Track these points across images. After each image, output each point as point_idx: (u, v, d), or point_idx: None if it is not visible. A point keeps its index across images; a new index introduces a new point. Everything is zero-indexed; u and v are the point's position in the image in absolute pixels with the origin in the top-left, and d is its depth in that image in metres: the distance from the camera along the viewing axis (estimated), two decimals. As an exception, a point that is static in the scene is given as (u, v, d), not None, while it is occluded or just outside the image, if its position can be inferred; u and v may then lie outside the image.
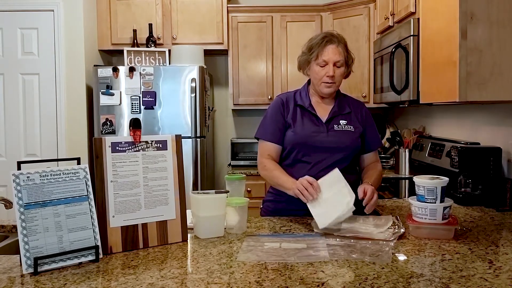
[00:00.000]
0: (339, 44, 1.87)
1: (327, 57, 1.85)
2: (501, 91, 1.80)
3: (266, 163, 1.91)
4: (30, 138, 3.51)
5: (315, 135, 1.88)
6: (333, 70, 1.84)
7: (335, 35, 1.89)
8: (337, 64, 1.85)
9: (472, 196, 2.12)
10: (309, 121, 1.91)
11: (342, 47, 1.87)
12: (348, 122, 1.92)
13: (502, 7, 1.78)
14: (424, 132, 3.16)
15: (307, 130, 1.89)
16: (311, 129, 1.89)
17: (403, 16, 2.65)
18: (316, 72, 1.88)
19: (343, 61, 1.87)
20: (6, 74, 3.48)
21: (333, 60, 1.84)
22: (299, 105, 1.94)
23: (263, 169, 1.92)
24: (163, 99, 3.41)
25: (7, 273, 1.25)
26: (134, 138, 1.49)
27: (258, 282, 1.16)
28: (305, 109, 1.92)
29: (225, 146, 4.25)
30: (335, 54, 1.85)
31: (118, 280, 1.19)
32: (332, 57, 1.84)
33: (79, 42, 3.50)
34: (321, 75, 1.87)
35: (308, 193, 1.65)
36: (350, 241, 1.50)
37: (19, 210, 1.26)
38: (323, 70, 1.86)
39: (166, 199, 1.52)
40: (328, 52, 1.85)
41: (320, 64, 1.86)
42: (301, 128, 1.90)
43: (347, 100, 1.99)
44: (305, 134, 1.88)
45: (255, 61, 3.85)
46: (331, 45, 1.85)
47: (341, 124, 1.91)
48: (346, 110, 1.94)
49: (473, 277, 1.18)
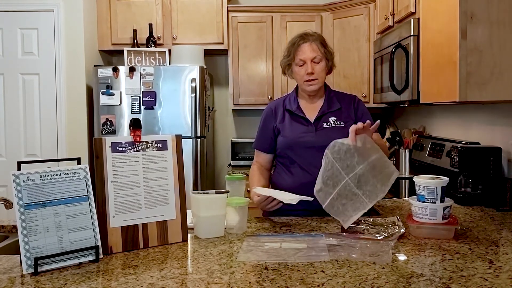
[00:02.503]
0: (313, 41, 1.92)
1: (303, 55, 1.90)
2: (501, 91, 1.80)
3: (252, 168, 2.08)
4: (30, 138, 3.51)
5: (304, 135, 1.92)
6: (312, 67, 1.89)
7: (309, 33, 1.95)
8: (315, 60, 1.90)
9: (472, 196, 2.12)
10: (298, 123, 1.96)
11: (317, 43, 1.92)
12: (338, 118, 1.94)
13: (502, 7, 1.78)
14: (424, 132, 3.16)
15: (296, 132, 1.93)
16: (299, 130, 1.93)
17: (403, 16, 2.65)
18: (297, 72, 1.94)
19: (321, 57, 1.91)
20: (6, 74, 3.48)
21: (310, 57, 1.89)
22: (288, 110, 1.99)
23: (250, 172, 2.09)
24: (163, 99, 3.41)
25: (8, 273, 1.25)
26: (134, 138, 1.49)
27: (258, 282, 1.16)
28: (293, 113, 1.97)
29: (225, 146, 4.25)
30: (310, 51, 1.90)
31: (119, 280, 1.19)
32: (308, 54, 1.89)
33: (79, 42, 3.50)
34: (302, 74, 1.92)
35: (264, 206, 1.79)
36: (350, 241, 1.49)
37: (19, 210, 1.26)
38: (303, 69, 1.91)
39: (166, 199, 1.52)
40: (303, 51, 1.91)
41: (299, 64, 1.92)
42: (289, 131, 1.95)
43: (337, 96, 2.02)
44: (294, 136, 1.93)
45: (255, 61, 3.85)
46: (305, 44, 1.91)
47: (330, 121, 1.94)
48: (335, 107, 1.97)
49: (473, 277, 1.18)
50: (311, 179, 1.70)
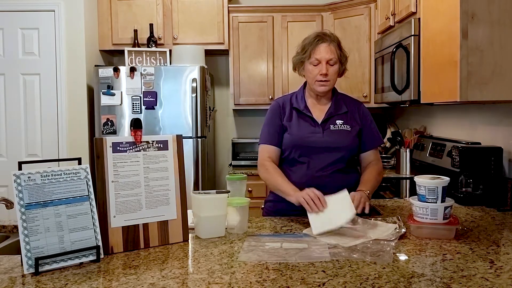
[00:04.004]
0: (331, 42, 1.88)
1: (320, 55, 1.86)
2: (502, 91, 1.80)
3: (268, 166, 1.91)
4: (31, 138, 3.52)
5: (311, 136, 1.89)
6: (326, 68, 1.86)
7: (327, 34, 1.91)
8: (330, 62, 1.87)
9: (473, 196, 2.12)
10: (305, 122, 1.93)
11: (334, 45, 1.89)
12: (345, 122, 1.93)
13: (503, 7, 1.78)
14: (425, 132, 3.16)
15: (303, 132, 1.91)
16: (307, 130, 1.91)
17: (404, 16, 2.65)
18: (310, 71, 1.90)
19: (336, 59, 1.88)
20: (7, 74, 3.48)
21: (326, 59, 1.86)
22: (295, 108, 1.96)
23: (265, 171, 1.92)
24: (164, 99, 3.41)
25: (8, 273, 1.25)
26: (135, 138, 1.49)
27: (259, 282, 1.16)
28: (301, 112, 1.94)
29: (226, 146, 4.25)
30: (327, 52, 1.86)
31: (119, 280, 1.19)
32: (325, 55, 1.86)
33: (80, 42, 3.50)
34: (315, 73, 1.88)
35: (315, 205, 1.65)
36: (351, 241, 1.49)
37: (20, 210, 1.26)
38: (317, 68, 1.88)
39: (167, 199, 1.52)
40: (320, 51, 1.87)
41: (313, 63, 1.88)
42: (296, 130, 1.92)
43: (344, 100, 2.00)
44: (301, 135, 1.90)
45: (256, 61, 3.84)
46: (323, 44, 1.87)
47: (337, 124, 1.92)
48: (342, 110, 1.95)
49: (474, 277, 1.18)
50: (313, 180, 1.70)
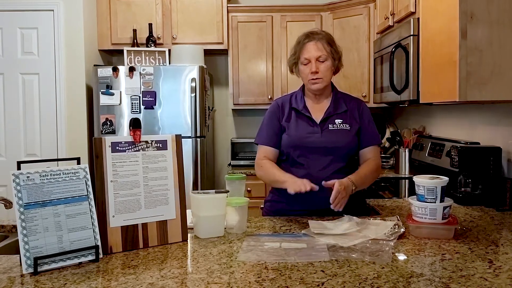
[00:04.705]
0: (319, 40, 1.89)
1: (308, 54, 1.89)
2: (501, 91, 1.80)
3: (262, 163, 1.93)
4: (30, 138, 3.51)
5: (309, 136, 1.90)
6: (316, 66, 1.88)
7: (315, 32, 1.93)
8: (320, 59, 1.88)
9: (472, 196, 2.12)
10: (304, 122, 1.93)
11: (323, 42, 1.89)
12: (344, 121, 1.93)
13: (502, 7, 1.78)
14: (424, 132, 3.16)
15: (301, 132, 1.91)
16: (305, 130, 1.91)
17: (403, 16, 2.65)
18: (302, 71, 1.93)
19: (326, 56, 1.89)
20: (6, 74, 3.48)
21: (314, 56, 1.88)
22: (294, 108, 1.96)
23: (259, 169, 1.95)
24: (163, 99, 3.41)
25: (7, 273, 1.25)
26: (134, 138, 1.49)
27: (258, 282, 1.16)
28: (299, 112, 1.94)
29: (225, 146, 4.25)
30: (315, 50, 1.88)
31: (118, 280, 1.19)
32: (313, 53, 1.88)
33: (79, 42, 3.50)
34: (307, 73, 1.90)
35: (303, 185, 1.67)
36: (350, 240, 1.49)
37: (19, 210, 1.26)
38: (307, 67, 1.90)
39: (166, 199, 1.51)
40: (308, 50, 1.89)
41: (303, 63, 1.91)
42: (295, 130, 1.92)
43: (345, 98, 2.00)
44: (299, 135, 1.90)
45: (255, 61, 3.84)
46: (310, 42, 1.89)
47: (336, 124, 1.92)
48: (342, 109, 1.95)
49: (473, 276, 1.18)
50: (313, 180, 1.70)
